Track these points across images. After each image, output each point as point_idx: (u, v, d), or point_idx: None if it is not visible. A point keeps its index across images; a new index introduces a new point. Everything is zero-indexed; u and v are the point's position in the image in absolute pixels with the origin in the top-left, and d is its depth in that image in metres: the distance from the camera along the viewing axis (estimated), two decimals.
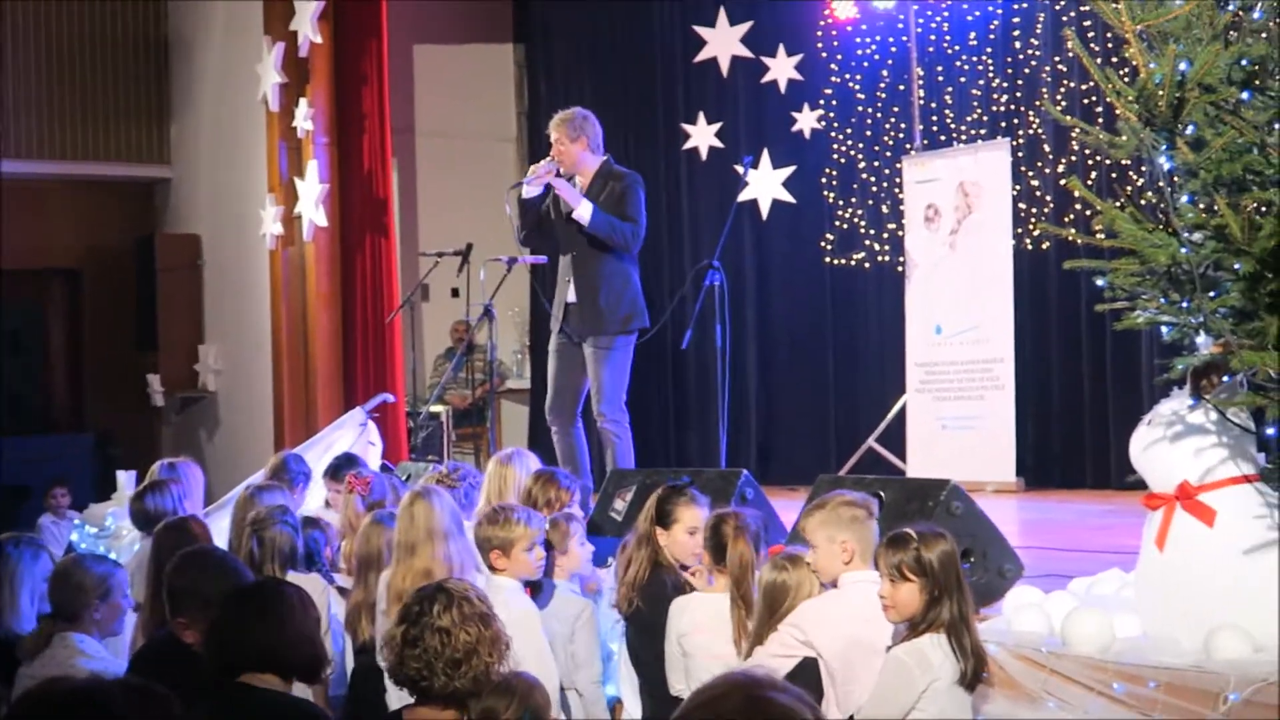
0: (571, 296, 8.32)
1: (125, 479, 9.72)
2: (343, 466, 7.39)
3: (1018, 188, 10.22)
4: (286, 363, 11.96)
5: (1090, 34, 9.51)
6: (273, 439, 11.78)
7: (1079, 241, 4.54)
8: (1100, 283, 4.08)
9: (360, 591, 5.77)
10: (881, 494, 5.48)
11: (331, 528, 6.54)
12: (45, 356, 14.75)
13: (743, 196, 10.77)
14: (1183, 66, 3.62)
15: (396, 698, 4.47)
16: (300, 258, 11.94)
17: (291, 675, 4.01)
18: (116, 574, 5.24)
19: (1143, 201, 4.21)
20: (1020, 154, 10.33)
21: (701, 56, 11.61)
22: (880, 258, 11.30)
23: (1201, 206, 3.81)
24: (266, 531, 5.68)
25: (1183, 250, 3.71)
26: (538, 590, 5.41)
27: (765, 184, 11.14)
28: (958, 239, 10.36)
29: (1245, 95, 3.70)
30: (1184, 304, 3.78)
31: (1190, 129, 3.86)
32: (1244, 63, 3.84)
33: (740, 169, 9.87)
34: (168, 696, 2.52)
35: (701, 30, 11.60)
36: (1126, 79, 4.15)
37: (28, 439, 13.20)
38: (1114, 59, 7.91)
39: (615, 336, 8.23)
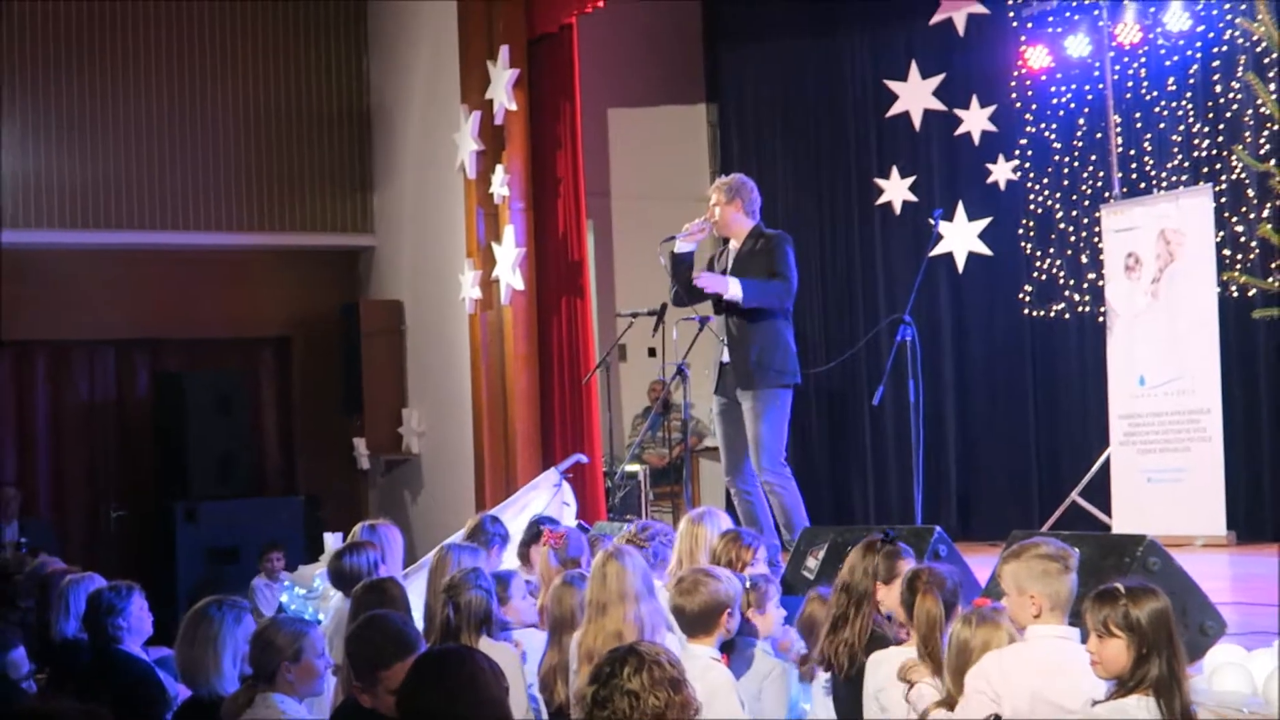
0: (725, 357, 8.41)
1: (332, 540, 9.91)
2: (549, 524, 7.47)
3: (1221, 234, 9.98)
4: (486, 424, 12.13)
5: None
6: (474, 499, 11.93)
7: None
8: None
9: (554, 653, 5.82)
10: (1076, 550, 5.38)
11: (529, 580, 6.61)
12: (257, 421, 15.17)
13: (938, 250, 10.68)
14: None
15: None
16: (498, 321, 12.13)
17: None
18: (310, 634, 5.34)
19: None
20: (1223, 199, 10.09)
21: (894, 111, 11.58)
22: (1080, 308, 11.11)
23: None
24: (461, 596, 5.74)
25: None
26: (732, 650, 5.39)
27: (961, 236, 11.04)
28: (1160, 287, 10.14)
29: None
30: None
31: None
32: None
33: (933, 222, 9.80)
34: None
35: (893, 84, 11.58)
36: None
37: (239, 502, 13.56)
38: None
39: (768, 391, 8.25)
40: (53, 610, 7.44)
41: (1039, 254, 11.40)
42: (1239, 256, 9.85)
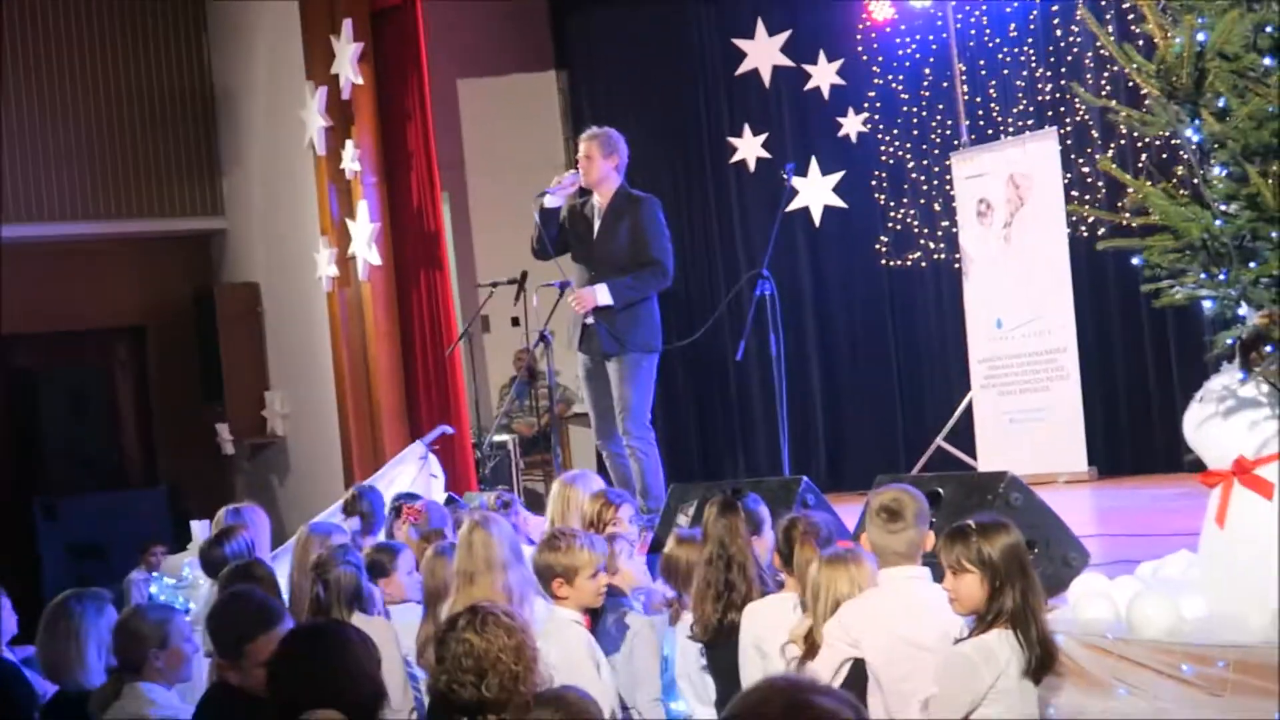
0: (589, 319, 8.35)
1: (199, 529, 9.78)
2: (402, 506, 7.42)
3: (1069, 176, 10.14)
4: (351, 402, 12.02)
5: (1129, 15, 9.41)
6: (342, 478, 11.83)
7: (1132, 224, 4.49)
8: (1136, 261, 4.04)
9: (430, 625, 5.77)
10: (940, 490, 5.45)
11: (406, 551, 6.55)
12: (114, 413, 14.91)
13: (793, 205, 10.73)
14: (1201, 37, 3.57)
15: None
16: (357, 297, 12.01)
17: (352, 713, 4.02)
18: (174, 620, 5.26)
19: (1195, 180, 4.15)
20: (1069, 142, 10.25)
21: (743, 69, 11.59)
22: (936, 256, 11.24)
23: (1233, 176, 3.75)
24: (330, 573, 5.67)
25: (1217, 222, 3.66)
26: (598, 614, 5.38)
27: (815, 191, 11.09)
28: (1012, 231, 10.29)
29: (1269, 61, 3.64)
30: (1222, 276, 3.73)
31: (1220, 101, 3.81)
32: (1268, 29, 3.78)
33: (785, 176, 9.84)
34: None
35: (740, 42, 11.59)
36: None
37: (100, 495, 13.33)
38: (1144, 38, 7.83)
39: (636, 354, 8.25)
40: None
41: (893, 204, 11.50)
42: (1087, 197, 10.01)
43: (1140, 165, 9.34)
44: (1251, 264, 3.69)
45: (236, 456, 14.46)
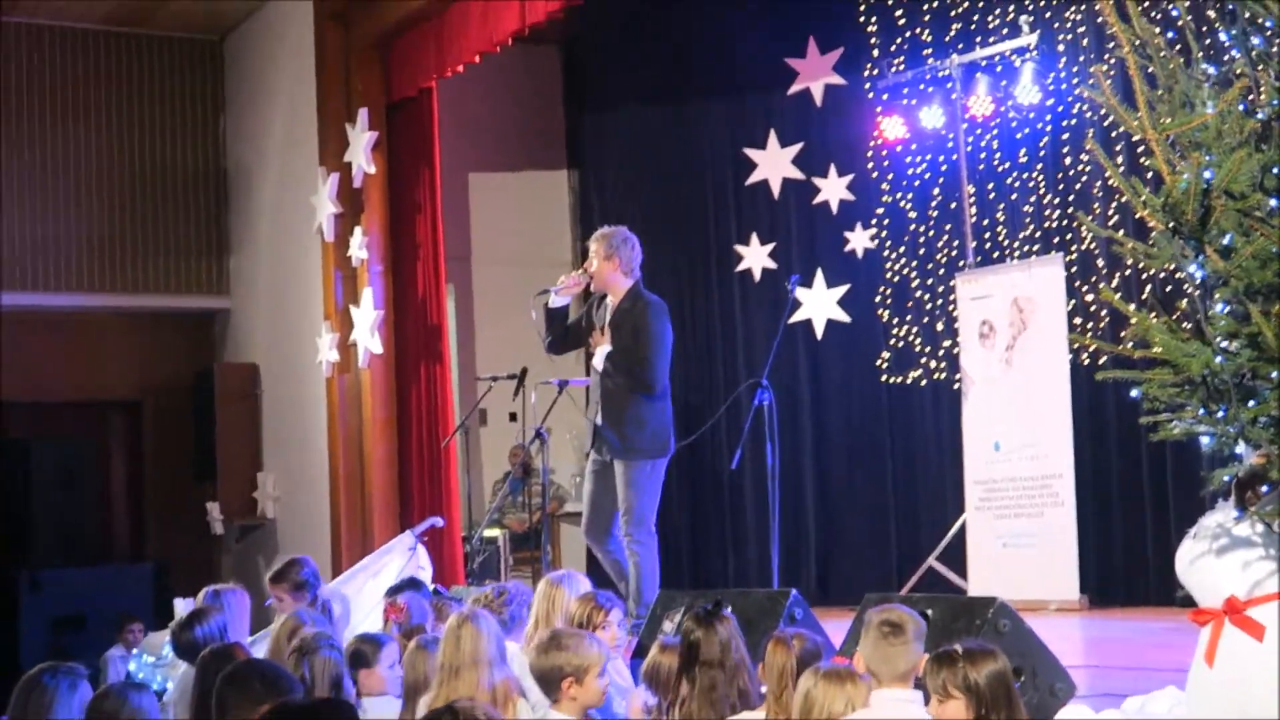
0: (599, 419, 8.31)
1: (182, 606, 9.70)
2: (403, 590, 7.36)
3: (1072, 302, 10.16)
4: (343, 489, 12.00)
5: (1139, 148, 9.46)
6: (330, 564, 11.76)
7: (1135, 355, 4.48)
8: (1135, 394, 4.03)
9: (409, 716, 5.72)
10: (929, 612, 5.39)
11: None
12: (105, 487, 14.85)
13: (797, 317, 10.77)
14: (1208, 174, 3.59)
15: None
16: (356, 384, 12.02)
17: None
18: (145, 701, 5.23)
19: (1198, 316, 4.15)
20: (1074, 268, 10.28)
21: (753, 179, 11.68)
22: (937, 375, 11.24)
23: (1235, 314, 3.76)
24: (314, 658, 5.63)
25: (1217, 359, 3.66)
26: None
27: (819, 303, 11.14)
28: (1013, 355, 10.29)
29: (1275, 202, 3.66)
30: (1221, 413, 3.72)
31: (1226, 238, 3.82)
32: (1275, 170, 3.80)
33: (789, 287, 9.86)
34: None
35: (752, 152, 11.69)
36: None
37: (85, 570, 13.24)
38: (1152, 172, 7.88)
39: (642, 460, 8.19)
40: None
41: (896, 321, 11.52)
42: (1089, 324, 10.03)
43: (1144, 297, 9.36)
44: (1251, 402, 3.69)
45: (225, 536, 14.39)
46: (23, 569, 13.02)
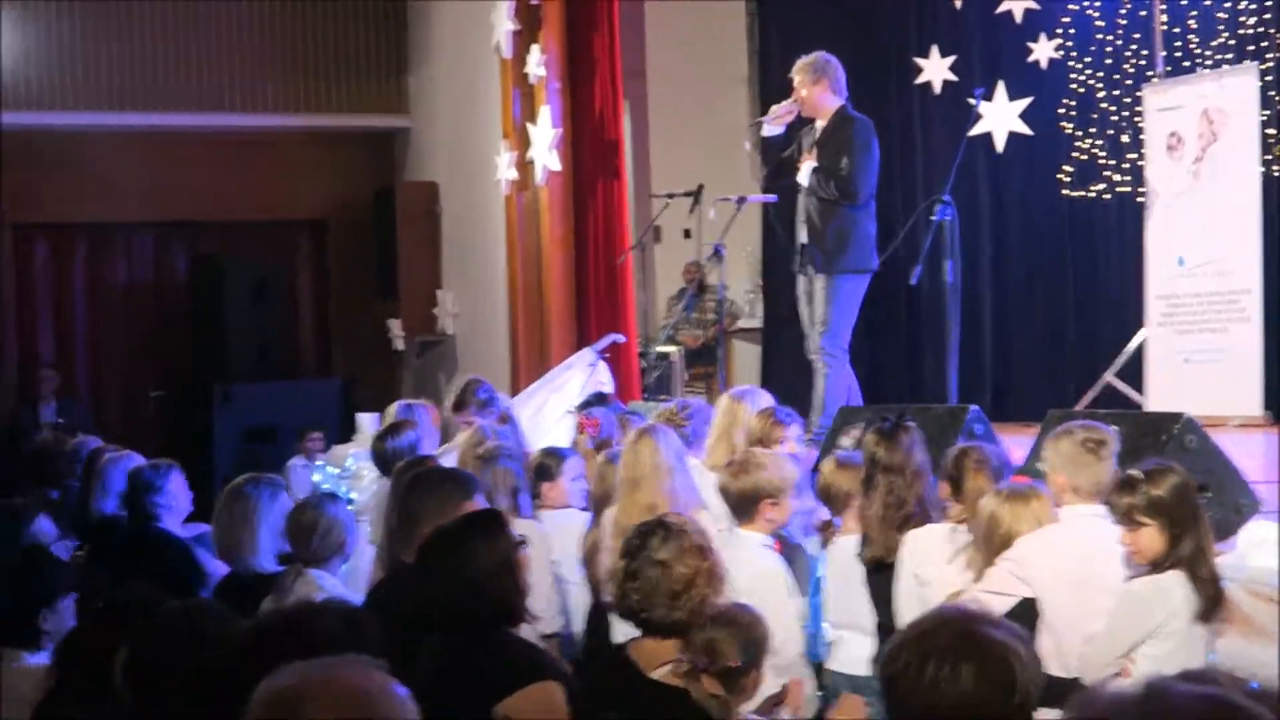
0: (804, 237, 8.41)
1: (367, 421, 9.99)
2: (593, 405, 7.50)
3: (1266, 114, 9.83)
4: (521, 305, 12.15)
5: None
6: (509, 380, 11.98)
7: None
8: None
9: (596, 531, 5.85)
10: (1114, 428, 5.36)
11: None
12: (293, 304, 15.23)
13: (976, 130, 10.56)
14: None
15: (621, 633, 4.54)
16: (534, 202, 12.10)
17: (488, 617, 4.00)
18: (339, 513, 5.44)
19: None
20: (1269, 78, 9.92)
21: None
22: (1120, 189, 10.99)
23: None
24: (495, 466, 5.77)
25: None
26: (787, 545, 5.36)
27: (1001, 116, 10.88)
28: (1201, 168, 10.01)
29: None
30: None
31: None
32: None
33: (973, 101, 9.68)
34: (370, 619, 2.70)
35: None
36: None
37: (275, 384, 13.64)
38: None
39: (842, 276, 8.28)
40: (91, 488, 7.52)
41: (1079, 134, 11.25)
42: None
43: None
44: None
45: (407, 352, 14.71)
46: (217, 382, 13.46)
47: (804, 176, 8.37)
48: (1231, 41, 10.26)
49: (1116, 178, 11.00)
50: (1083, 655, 4.20)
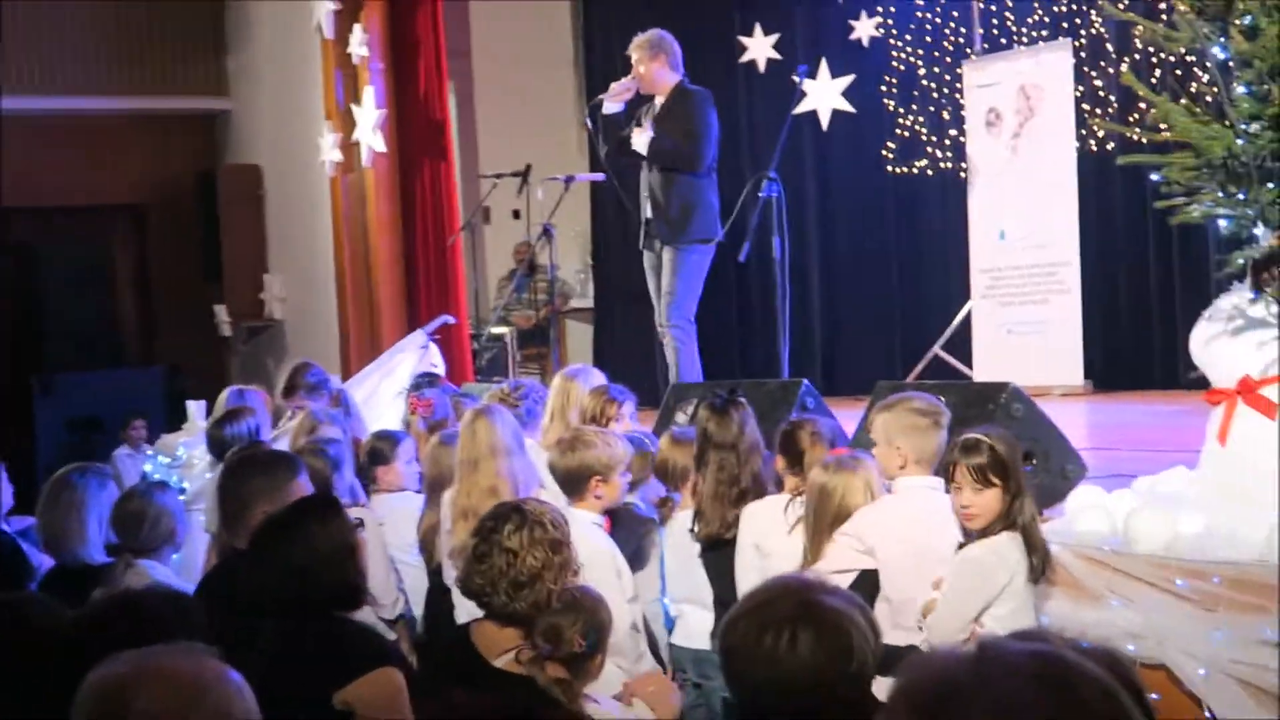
0: (648, 212, 8.46)
1: (195, 409, 9.81)
2: (424, 386, 7.44)
3: (1080, 89, 10.07)
4: (350, 289, 12.02)
5: None
6: (340, 364, 11.85)
7: (1143, 140, 4.47)
8: (1156, 177, 4.03)
9: (432, 514, 5.80)
10: (941, 399, 5.45)
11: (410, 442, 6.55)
12: (114, 291, 14.90)
13: (801, 108, 10.66)
14: None
15: (465, 611, 4.50)
16: (360, 184, 11.97)
17: (329, 601, 3.95)
18: (167, 501, 5.34)
19: (1208, 99, 4.13)
20: (1082, 54, 10.17)
21: None
22: (943, 164, 11.19)
23: (1257, 96, 3.73)
24: (316, 459, 5.69)
25: (1239, 141, 3.65)
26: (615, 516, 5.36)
27: (824, 94, 11.00)
28: (1020, 143, 10.24)
29: None
30: (1241, 196, 3.72)
31: (1249, 19, 3.78)
32: None
33: (797, 79, 9.78)
34: (196, 605, 2.66)
35: None
36: None
37: (98, 373, 13.35)
38: None
39: (685, 247, 8.33)
40: None
41: (902, 111, 11.44)
42: (1098, 110, 9.96)
43: (1155, 80, 9.28)
44: (1270, 185, 3.68)
45: (233, 338, 14.47)
46: (36, 372, 13.13)
47: (640, 144, 8.38)
48: (1046, 19, 10.48)
49: (939, 154, 11.19)
50: (931, 625, 4.26)
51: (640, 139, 8.38)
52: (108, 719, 2.35)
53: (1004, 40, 10.72)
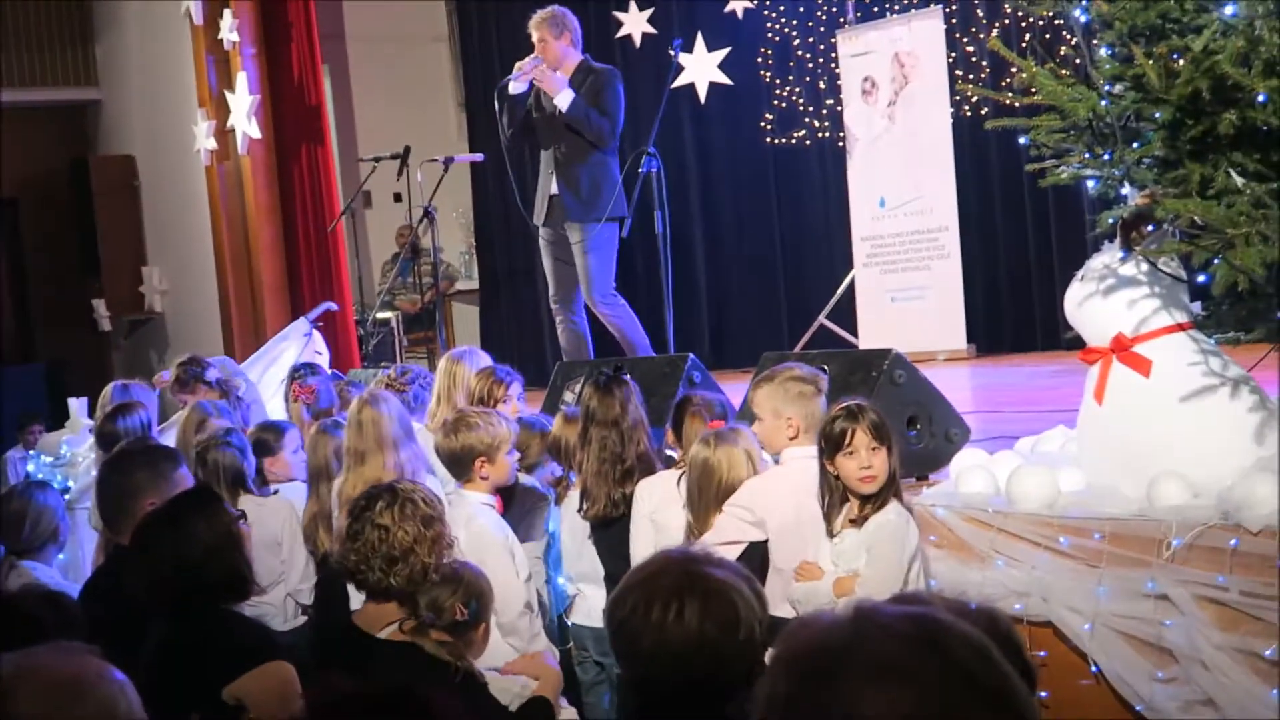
0: (555, 189, 8.46)
1: (77, 406, 9.66)
2: (305, 375, 7.36)
3: (953, 55, 10.17)
4: (231, 278, 11.88)
5: None
6: (224, 354, 11.70)
7: (1015, 104, 4.51)
8: (1023, 140, 4.08)
9: (314, 503, 5.76)
10: (825, 367, 5.49)
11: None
12: None
13: (679, 82, 10.67)
14: None
15: (358, 601, 4.48)
16: (237, 171, 11.82)
17: (216, 594, 3.91)
18: (48, 500, 5.25)
19: (1077, 62, 4.18)
20: (954, 21, 10.27)
21: None
22: (821, 134, 11.25)
23: (1119, 57, 3.79)
24: (210, 455, 5.63)
25: (1102, 103, 3.70)
26: (509, 495, 5.35)
27: (701, 67, 11.02)
28: (896, 110, 10.33)
29: None
30: (1107, 156, 3.78)
31: None
32: None
33: (673, 53, 9.77)
34: (72, 603, 2.61)
35: None
36: None
37: None
38: None
39: (597, 224, 8.33)
40: None
41: (779, 82, 11.49)
42: (970, 76, 10.06)
43: (1025, 45, 9.39)
44: (1135, 144, 3.73)
45: (114, 333, 14.26)
46: None
47: (563, 101, 8.37)
48: None
49: (816, 124, 11.26)
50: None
51: (563, 99, 8.36)
52: None
53: (876, 9, 10.79)
